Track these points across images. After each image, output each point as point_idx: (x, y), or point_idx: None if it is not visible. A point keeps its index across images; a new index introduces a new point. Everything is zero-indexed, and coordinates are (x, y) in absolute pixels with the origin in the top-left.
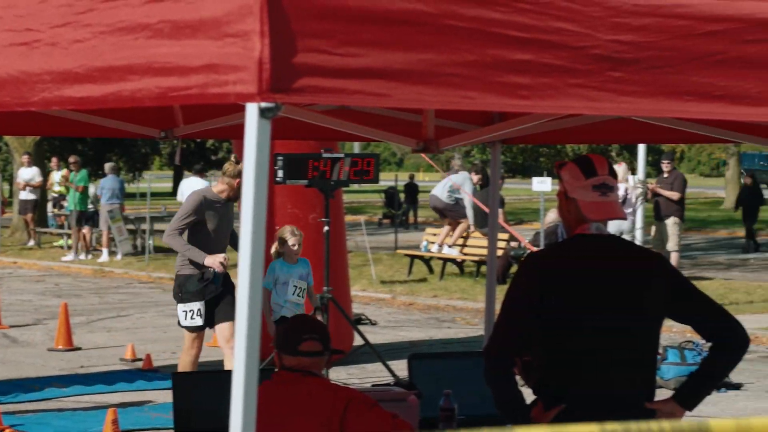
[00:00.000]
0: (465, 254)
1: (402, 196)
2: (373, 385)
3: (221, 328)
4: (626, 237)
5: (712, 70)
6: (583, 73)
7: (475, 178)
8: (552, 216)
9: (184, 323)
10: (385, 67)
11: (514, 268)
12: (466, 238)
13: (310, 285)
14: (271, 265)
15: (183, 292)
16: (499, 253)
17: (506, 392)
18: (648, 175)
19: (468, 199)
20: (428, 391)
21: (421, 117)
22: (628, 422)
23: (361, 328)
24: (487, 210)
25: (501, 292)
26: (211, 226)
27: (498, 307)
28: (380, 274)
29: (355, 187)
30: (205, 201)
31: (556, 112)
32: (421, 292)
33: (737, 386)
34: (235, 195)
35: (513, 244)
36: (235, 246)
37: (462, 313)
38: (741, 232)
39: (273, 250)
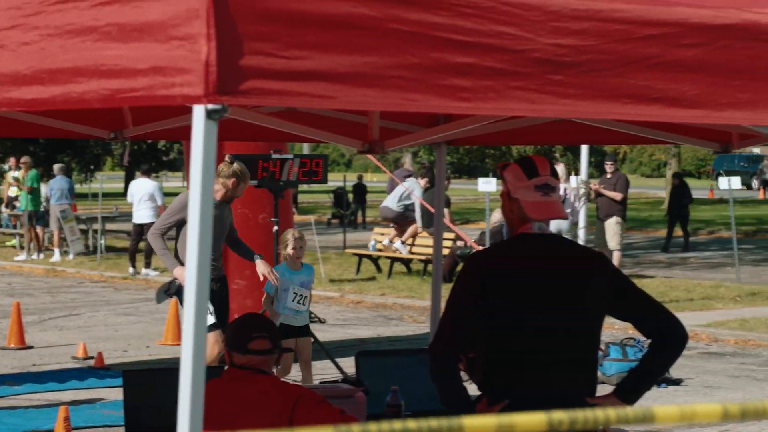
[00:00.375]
0: (412, 253)
1: (350, 196)
2: (321, 382)
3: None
4: (566, 236)
5: (649, 73)
6: (523, 76)
7: (422, 182)
8: (497, 216)
9: None
10: (330, 69)
11: (460, 267)
12: (414, 237)
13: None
14: (275, 270)
15: None
16: (446, 252)
17: (451, 389)
18: (590, 176)
19: (417, 203)
20: (376, 388)
21: (366, 119)
22: (575, 411)
23: (311, 326)
24: (433, 210)
25: (447, 290)
26: None
27: (444, 305)
28: (329, 272)
29: (304, 187)
30: None
31: (497, 114)
32: (370, 290)
33: (677, 382)
34: (230, 196)
35: (459, 243)
36: (236, 250)
37: (409, 311)
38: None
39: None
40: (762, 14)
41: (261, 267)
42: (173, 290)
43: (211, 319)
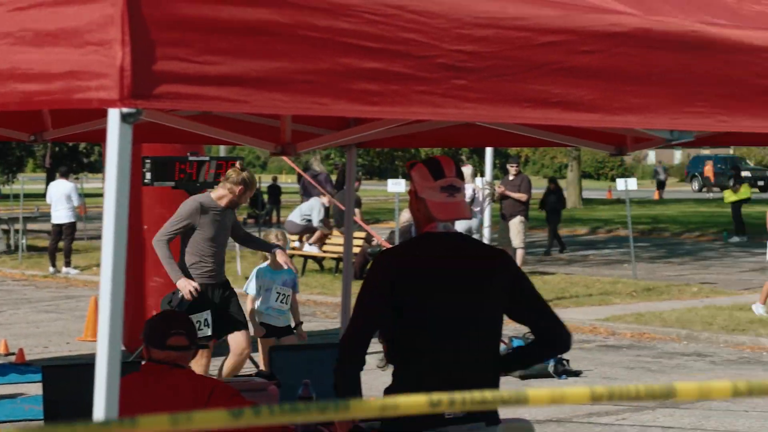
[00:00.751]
0: (325, 251)
1: (266, 197)
2: (235, 376)
3: (235, 338)
4: (475, 235)
5: (548, 78)
6: (428, 81)
7: (326, 200)
8: (406, 215)
9: None
10: (242, 74)
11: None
12: (321, 239)
13: (295, 292)
14: (258, 270)
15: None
16: (357, 250)
17: (348, 385)
18: (495, 177)
19: (317, 211)
20: (288, 381)
21: (279, 122)
22: (454, 393)
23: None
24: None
25: (359, 286)
26: (208, 233)
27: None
28: (245, 270)
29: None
30: (201, 207)
31: (404, 117)
32: None
33: (577, 373)
34: (235, 202)
35: (373, 242)
36: (251, 246)
37: (321, 307)
38: (581, 229)
39: (260, 254)
40: (654, 22)
41: (281, 257)
42: (176, 302)
43: (206, 331)
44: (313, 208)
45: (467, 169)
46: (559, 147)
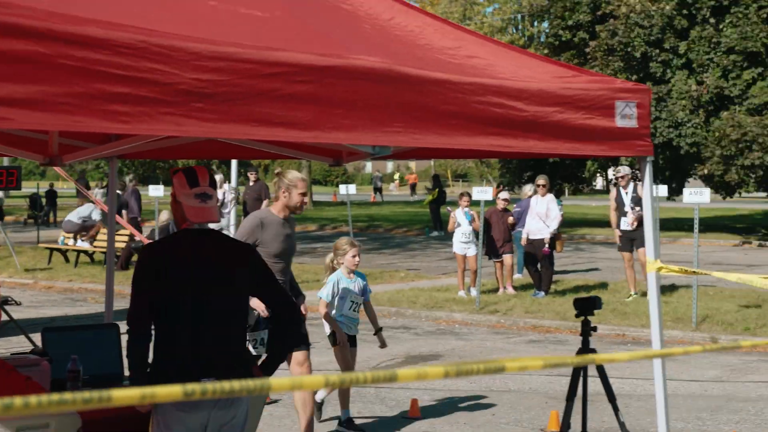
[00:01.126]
0: (95, 246)
1: (44, 200)
2: (11, 354)
3: (295, 353)
4: (225, 232)
5: (272, 102)
6: (172, 104)
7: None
8: (165, 215)
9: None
10: (8, 96)
11: (135, 257)
12: (97, 232)
13: (367, 299)
14: (331, 278)
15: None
16: (123, 245)
17: (135, 357)
18: (240, 184)
19: (97, 211)
20: (59, 357)
21: (47, 136)
22: (206, 383)
23: (8, 308)
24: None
25: (125, 276)
26: (275, 248)
27: (117, 288)
28: (24, 263)
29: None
30: (262, 224)
31: (152, 133)
32: (59, 277)
33: (308, 346)
34: (291, 207)
35: (136, 239)
36: None
37: (92, 294)
38: (312, 226)
39: (327, 261)
40: (358, 59)
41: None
42: (253, 320)
43: (261, 350)
44: (92, 209)
45: (217, 177)
46: (290, 159)
